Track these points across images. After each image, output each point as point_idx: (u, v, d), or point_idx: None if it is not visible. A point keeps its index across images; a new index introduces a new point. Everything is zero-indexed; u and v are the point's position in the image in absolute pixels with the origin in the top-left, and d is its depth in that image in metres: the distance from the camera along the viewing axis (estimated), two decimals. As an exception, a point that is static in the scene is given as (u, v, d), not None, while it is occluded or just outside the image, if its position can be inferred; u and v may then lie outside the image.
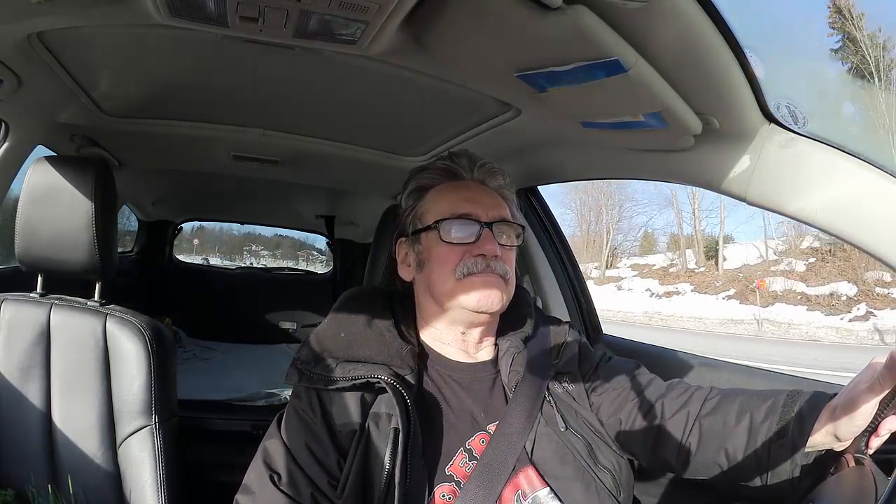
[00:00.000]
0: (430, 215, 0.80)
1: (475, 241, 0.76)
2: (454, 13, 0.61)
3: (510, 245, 0.80)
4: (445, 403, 0.76)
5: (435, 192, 0.83)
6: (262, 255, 6.93)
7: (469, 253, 0.76)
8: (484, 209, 0.79)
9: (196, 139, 1.40)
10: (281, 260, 6.45)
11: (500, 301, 0.76)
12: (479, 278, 0.75)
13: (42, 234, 1.00)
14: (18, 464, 0.93)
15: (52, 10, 0.72)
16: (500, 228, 0.79)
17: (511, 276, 0.79)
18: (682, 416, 0.75)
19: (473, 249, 0.76)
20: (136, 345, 0.99)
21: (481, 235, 0.77)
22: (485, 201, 0.80)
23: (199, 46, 0.87)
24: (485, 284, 0.75)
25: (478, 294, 0.75)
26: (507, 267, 0.78)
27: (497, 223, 0.78)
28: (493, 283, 0.76)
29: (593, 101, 0.75)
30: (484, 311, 0.76)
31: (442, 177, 0.83)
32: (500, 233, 0.78)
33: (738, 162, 0.75)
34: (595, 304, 1.51)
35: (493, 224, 0.78)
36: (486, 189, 0.83)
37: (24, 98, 1.00)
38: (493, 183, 0.84)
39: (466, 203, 0.79)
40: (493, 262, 0.76)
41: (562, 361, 0.82)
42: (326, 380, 0.73)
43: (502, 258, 0.77)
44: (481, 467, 0.70)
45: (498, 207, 0.81)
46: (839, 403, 0.63)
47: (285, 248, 6.96)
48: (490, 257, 0.76)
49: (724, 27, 0.57)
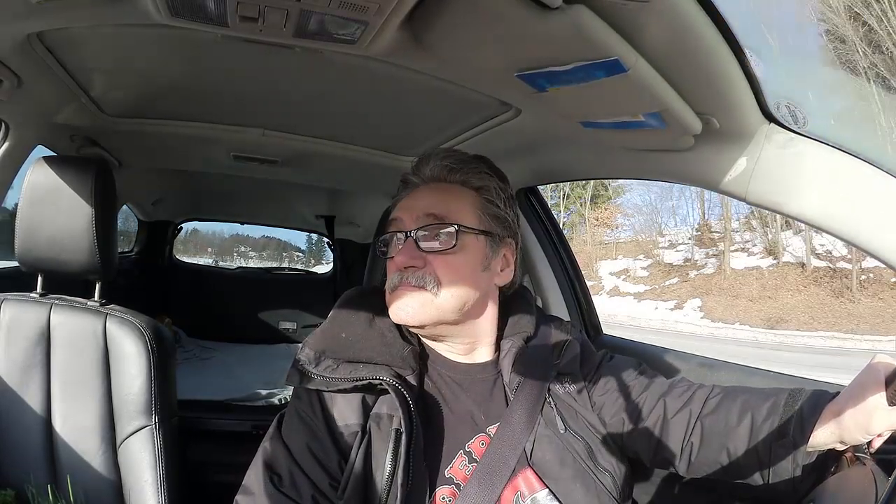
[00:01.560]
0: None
1: (396, 255, 0.76)
2: (454, 13, 0.61)
3: (428, 251, 0.74)
4: (446, 405, 0.76)
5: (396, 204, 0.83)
6: (249, 257, 7.02)
7: (392, 265, 0.77)
8: (411, 214, 0.76)
9: (196, 139, 1.40)
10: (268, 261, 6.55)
11: (414, 313, 0.73)
12: (394, 294, 0.75)
13: (42, 235, 1.00)
14: (18, 464, 0.93)
15: (52, 10, 0.72)
16: (426, 231, 0.75)
17: (445, 284, 0.73)
18: (685, 415, 0.75)
19: (392, 264, 0.77)
20: (136, 345, 0.99)
21: (406, 243, 0.75)
22: (416, 205, 0.77)
23: (199, 46, 0.87)
24: (395, 297, 0.75)
25: (393, 308, 0.75)
26: (426, 276, 0.73)
27: (422, 228, 0.75)
28: (405, 295, 0.74)
29: (593, 101, 0.75)
30: (407, 325, 0.76)
31: (405, 189, 0.84)
32: (423, 236, 0.75)
33: (738, 162, 0.75)
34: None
35: (419, 230, 0.75)
36: (436, 187, 0.80)
37: (24, 98, 1.00)
38: (454, 177, 0.80)
39: (398, 212, 0.78)
40: (407, 274, 0.74)
41: (563, 362, 0.82)
42: (328, 381, 0.72)
43: (428, 265, 0.73)
44: (481, 470, 0.70)
45: (431, 207, 0.76)
46: (845, 407, 0.62)
47: (271, 249, 7.09)
48: (402, 269, 0.74)
49: (723, 27, 0.57)
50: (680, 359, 1.14)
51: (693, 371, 1.09)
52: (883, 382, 0.60)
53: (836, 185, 0.67)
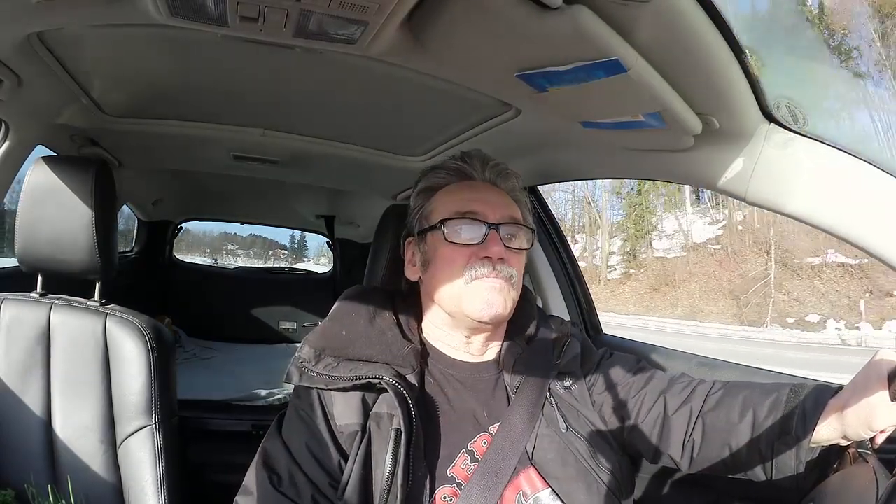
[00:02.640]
0: (437, 215, 0.79)
1: (481, 243, 0.74)
2: (454, 13, 0.61)
3: (518, 248, 0.77)
4: (448, 404, 0.76)
5: (444, 191, 0.81)
6: (238, 255, 7.11)
7: (475, 255, 0.74)
8: (492, 209, 0.77)
9: (196, 139, 1.40)
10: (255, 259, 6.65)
11: (503, 307, 0.74)
12: (484, 283, 0.73)
13: (42, 234, 1.00)
14: (18, 464, 0.93)
15: (52, 10, 0.72)
16: (509, 230, 0.77)
17: (518, 280, 0.77)
18: (685, 412, 0.75)
19: (479, 252, 0.74)
20: (137, 345, 0.99)
21: (487, 236, 0.74)
22: (493, 202, 0.78)
23: (199, 46, 0.87)
24: (489, 290, 0.73)
25: (482, 301, 0.73)
26: (513, 270, 0.75)
27: (505, 224, 0.76)
28: (498, 288, 0.73)
29: (593, 101, 0.75)
30: (487, 321, 0.74)
31: (452, 176, 0.82)
32: (508, 235, 0.76)
33: (738, 161, 0.75)
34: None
35: (500, 225, 0.75)
36: (497, 190, 0.81)
37: (24, 98, 1.00)
38: (505, 184, 0.82)
39: (473, 203, 0.77)
40: (498, 266, 0.74)
41: (564, 361, 0.82)
42: (327, 379, 0.72)
43: (509, 261, 0.75)
44: (482, 469, 0.70)
45: (507, 208, 0.79)
46: (847, 403, 0.62)
47: (258, 248, 7.21)
48: (495, 260, 0.73)
49: (723, 27, 0.57)
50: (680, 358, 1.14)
51: (693, 371, 1.08)
52: (886, 378, 0.59)
53: (836, 184, 0.67)
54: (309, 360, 0.74)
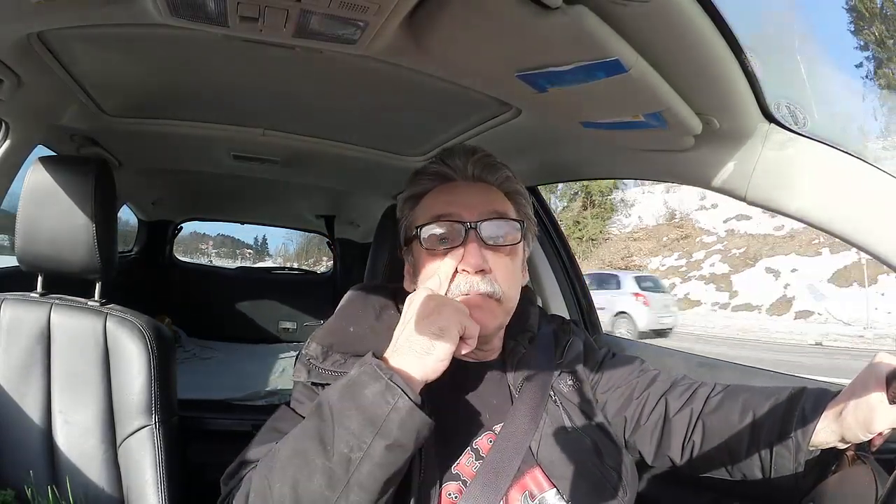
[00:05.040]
0: (417, 223, 0.76)
1: (461, 245, 0.70)
2: (454, 13, 0.60)
3: (500, 245, 0.72)
4: (452, 401, 0.75)
5: (427, 197, 0.78)
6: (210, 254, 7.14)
7: (455, 266, 0.69)
8: (470, 208, 0.72)
9: (196, 139, 1.40)
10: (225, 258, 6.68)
11: (488, 325, 0.70)
12: (463, 302, 0.67)
13: (42, 234, 1.00)
14: (18, 464, 0.93)
15: (51, 10, 0.72)
16: (493, 228, 0.72)
17: (506, 291, 0.71)
18: (686, 414, 0.75)
19: (460, 259, 0.70)
20: (137, 344, 0.99)
21: (467, 238, 0.70)
22: (472, 200, 0.74)
23: (199, 46, 0.87)
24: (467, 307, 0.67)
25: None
26: (496, 285, 0.70)
27: (488, 221, 0.71)
28: (481, 306, 0.69)
29: (593, 101, 0.75)
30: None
31: (433, 181, 0.79)
32: (492, 235, 0.72)
33: (738, 162, 0.75)
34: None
35: (481, 223, 0.71)
36: (481, 186, 0.77)
37: (24, 98, 1.00)
38: (493, 177, 0.78)
39: (450, 205, 0.73)
40: (477, 280, 0.69)
41: (566, 360, 0.82)
42: (337, 376, 0.71)
43: (493, 271, 0.70)
44: (486, 467, 0.70)
45: (490, 203, 0.74)
46: (846, 405, 0.62)
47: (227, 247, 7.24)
48: (473, 273, 0.69)
49: (724, 27, 0.57)
50: (680, 358, 1.14)
51: (692, 371, 1.09)
52: (884, 381, 0.60)
53: (836, 184, 0.67)
54: (317, 356, 0.73)
